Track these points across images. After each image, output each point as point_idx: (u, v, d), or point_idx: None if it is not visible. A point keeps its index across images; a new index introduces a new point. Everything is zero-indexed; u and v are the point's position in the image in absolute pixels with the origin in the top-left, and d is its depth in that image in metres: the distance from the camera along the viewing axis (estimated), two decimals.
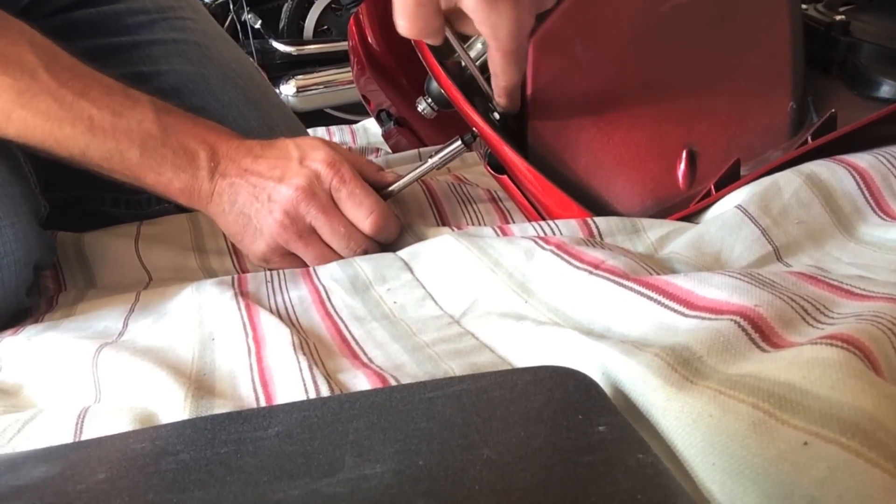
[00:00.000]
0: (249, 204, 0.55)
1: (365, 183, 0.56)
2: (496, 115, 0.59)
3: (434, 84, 0.60)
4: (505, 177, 0.59)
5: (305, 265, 0.57)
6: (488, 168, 0.61)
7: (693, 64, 0.59)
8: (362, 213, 0.55)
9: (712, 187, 0.52)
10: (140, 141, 0.52)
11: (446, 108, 0.61)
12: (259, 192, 0.55)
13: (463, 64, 0.57)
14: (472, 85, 0.57)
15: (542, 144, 0.58)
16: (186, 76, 0.74)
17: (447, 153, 0.61)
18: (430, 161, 0.61)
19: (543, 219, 0.57)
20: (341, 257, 0.56)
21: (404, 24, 0.52)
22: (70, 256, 0.63)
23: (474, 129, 0.59)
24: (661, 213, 0.54)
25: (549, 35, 0.62)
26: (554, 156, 0.58)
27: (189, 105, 0.71)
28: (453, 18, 0.52)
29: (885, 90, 0.59)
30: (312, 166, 0.54)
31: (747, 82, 0.58)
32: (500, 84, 0.55)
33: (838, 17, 0.65)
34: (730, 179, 0.51)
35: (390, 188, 0.60)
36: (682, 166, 0.56)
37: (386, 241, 0.58)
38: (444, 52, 0.56)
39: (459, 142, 0.60)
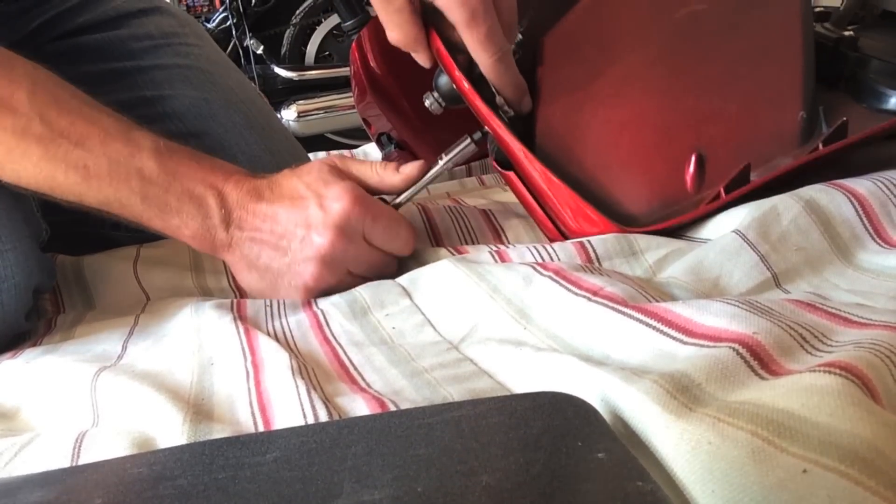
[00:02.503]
0: (278, 258, 0.53)
1: (390, 209, 0.55)
2: (506, 111, 0.59)
3: (443, 79, 0.60)
4: (511, 173, 0.58)
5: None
6: (495, 163, 0.60)
7: (705, 70, 0.59)
8: (399, 244, 0.55)
9: (722, 190, 0.52)
10: (140, 188, 0.50)
11: (453, 104, 0.61)
12: (286, 246, 0.52)
13: (474, 59, 0.57)
14: (483, 81, 0.57)
15: (550, 142, 0.58)
16: (190, 101, 0.74)
17: (457, 152, 0.60)
18: (441, 162, 0.60)
19: (548, 216, 0.57)
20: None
21: (388, 32, 0.54)
22: (69, 279, 0.63)
23: (483, 127, 0.58)
24: (668, 215, 0.54)
25: (562, 35, 0.62)
26: (562, 154, 0.58)
27: (192, 130, 0.72)
28: (440, 25, 0.54)
29: (894, 102, 0.60)
30: (338, 209, 0.52)
31: (758, 90, 0.58)
32: (501, 93, 0.56)
33: (846, 34, 0.66)
34: (739, 183, 0.52)
35: (403, 195, 0.59)
36: (691, 170, 0.56)
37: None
38: (457, 47, 0.56)
39: (469, 140, 0.59)
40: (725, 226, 0.51)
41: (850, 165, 0.55)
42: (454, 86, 0.58)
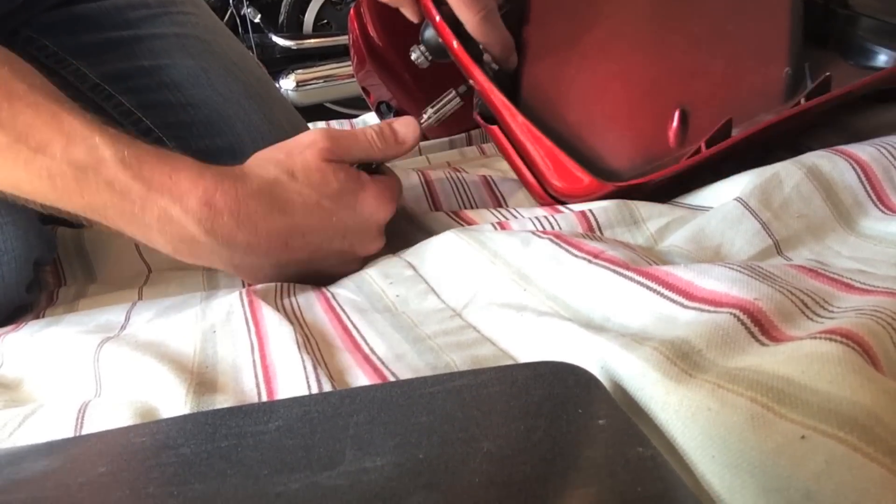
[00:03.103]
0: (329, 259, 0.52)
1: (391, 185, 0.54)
2: (492, 66, 0.58)
3: (429, 31, 0.59)
4: (495, 127, 0.58)
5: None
6: (478, 117, 0.60)
7: (691, 26, 0.59)
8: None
9: (703, 144, 0.52)
10: (113, 202, 0.45)
11: (440, 57, 0.60)
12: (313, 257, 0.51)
13: None
14: (469, 35, 0.56)
15: (535, 98, 0.58)
16: (188, 70, 0.74)
17: (442, 104, 0.59)
18: (426, 115, 0.59)
19: (530, 170, 0.56)
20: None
21: None
22: (70, 251, 0.63)
23: (468, 80, 0.58)
24: (651, 169, 0.54)
25: None
26: (546, 108, 0.58)
27: (190, 100, 0.71)
28: None
29: (882, 59, 0.60)
30: (370, 225, 0.51)
31: (744, 46, 0.58)
32: (488, 50, 0.55)
33: None
34: (721, 138, 0.52)
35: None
36: (674, 125, 0.56)
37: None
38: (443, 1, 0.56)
39: (453, 93, 0.59)
40: (727, 193, 0.51)
41: (854, 131, 0.55)
42: (440, 39, 0.58)
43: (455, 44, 0.56)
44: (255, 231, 0.47)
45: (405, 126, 0.54)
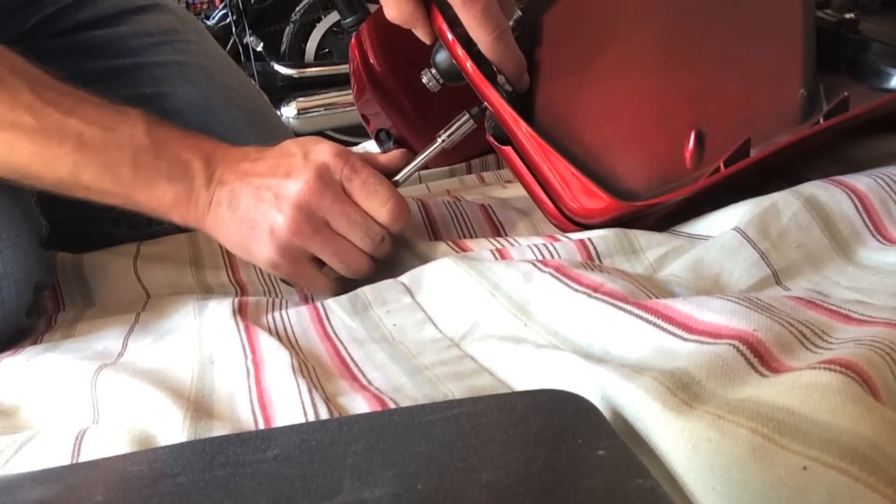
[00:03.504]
0: (254, 207, 0.52)
1: (376, 171, 0.54)
2: (505, 87, 0.58)
3: (441, 54, 0.59)
4: (508, 148, 0.58)
5: (316, 271, 0.55)
6: (491, 139, 0.60)
7: (705, 46, 0.59)
8: (378, 202, 0.53)
9: (721, 164, 0.52)
10: (132, 155, 0.50)
11: (452, 81, 0.60)
12: (263, 193, 0.52)
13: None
14: (482, 56, 0.57)
15: (549, 119, 0.58)
16: (189, 98, 0.74)
17: (455, 128, 0.59)
18: (439, 139, 0.59)
19: (546, 193, 0.56)
20: (361, 253, 0.54)
21: (385, 10, 0.55)
22: (69, 276, 0.63)
23: (481, 102, 0.58)
24: (667, 191, 0.54)
25: (562, 13, 0.62)
26: (561, 130, 0.57)
27: (191, 127, 0.72)
28: (439, 1, 0.54)
29: (895, 82, 0.60)
30: (319, 159, 0.52)
31: (759, 67, 0.58)
32: (500, 70, 0.56)
33: (847, 17, 0.66)
34: (739, 157, 0.51)
35: (402, 173, 0.58)
36: (690, 146, 0.56)
37: (399, 231, 0.56)
38: (457, 21, 0.56)
39: (467, 116, 0.59)
40: (725, 222, 0.51)
41: (851, 161, 0.55)
42: (452, 61, 0.58)
43: (469, 65, 0.56)
44: (234, 170, 0.53)
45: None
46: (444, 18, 0.56)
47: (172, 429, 0.36)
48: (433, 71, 0.60)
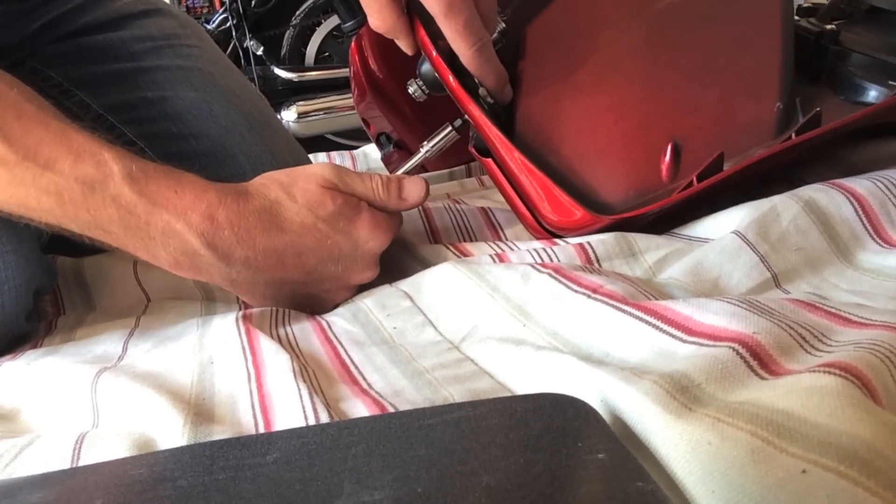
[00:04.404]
0: (307, 294, 0.53)
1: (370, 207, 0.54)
2: (487, 100, 0.59)
3: (426, 66, 0.60)
4: (489, 160, 0.59)
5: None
6: (473, 150, 0.61)
7: (683, 60, 0.60)
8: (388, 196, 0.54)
9: (694, 178, 0.52)
10: (120, 219, 0.46)
11: (437, 91, 0.61)
12: (313, 288, 0.52)
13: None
14: (465, 69, 0.57)
15: (529, 132, 0.59)
16: (190, 102, 0.74)
17: (438, 139, 0.60)
18: (423, 149, 0.61)
19: (525, 204, 0.57)
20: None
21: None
22: (69, 280, 0.63)
23: (464, 114, 0.59)
24: (643, 203, 0.55)
25: (544, 25, 0.63)
26: (540, 142, 0.58)
27: (192, 131, 0.72)
28: (422, 13, 0.54)
29: (873, 95, 0.60)
30: (323, 213, 0.50)
31: (736, 81, 0.59)
32: (482, 83, 0.57)
33: (828, 27, 0.66)
34: (712, 172, 0.52)
35: None
36: (667, 159, 0.56)
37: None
38: (440, 36, 0.57)
39: (450, 127, 0.60)
40: (724, 225, 0.51)
41: (848, 164, 0.55)
42: (436, 73, 0.58)
43: (451, 78, 0.57)
44: (252, 246, 0.49)
45: (413, 185, 0.55)
46: (426, 31, 0.56)
47: (173, 432, 0.36)
48: (419, 81, 0.61)
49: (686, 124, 0.57)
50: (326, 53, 2.52)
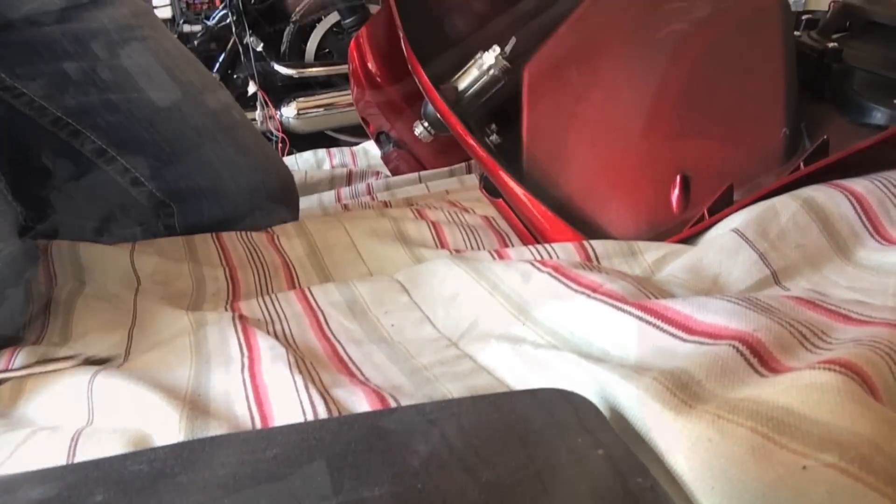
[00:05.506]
0: None
1: None
2: (493, 139, 0.59)
3: (431, 108, 0.61)
4: (500, 200, 0.59)
5: None
6: (484, 192, 0.61)
7: (687, 90, 0.59)
8: None
9: (706, 212, 0.52)
10: None
11: (443, 132, 0.62)
12: None
13: (460, 88, 0.58)
14: (469, 110, 0.58)
15: (537, 169, 0.59)
16: (158, 104, 0.68)
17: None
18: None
19: (538, 241, 0.57)
20: None
21: None
22: (63, 255, 0.62)
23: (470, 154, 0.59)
24: (656, 237, 0.55)
25: (544, 61, 0.63)
26: (549, 180, 0.58)
27: (165, 135, 0.66)
28: None
29: (878, 117, 0.60)
30: None
31: (741, 109, 0.59)
32: None
33: (831, 45, 0.66)
34: (723, 204, 0.52)
35: None
36: (676, 191, 0.56)
37: None
38: (441, 77, 0.57)
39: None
40: (723, 224, 0.51)
41: (841, 174, 0.55)
42: (440, 117, 0.59)
43: (455, 120, 0.57)
44: None
45: None
46: (427, 75, 0.57)
47: (169, 428, 0.36)
48: (424, 123, 0.62)
49: (693, 154, 0.57)
50: (327, 50, 2.52)
